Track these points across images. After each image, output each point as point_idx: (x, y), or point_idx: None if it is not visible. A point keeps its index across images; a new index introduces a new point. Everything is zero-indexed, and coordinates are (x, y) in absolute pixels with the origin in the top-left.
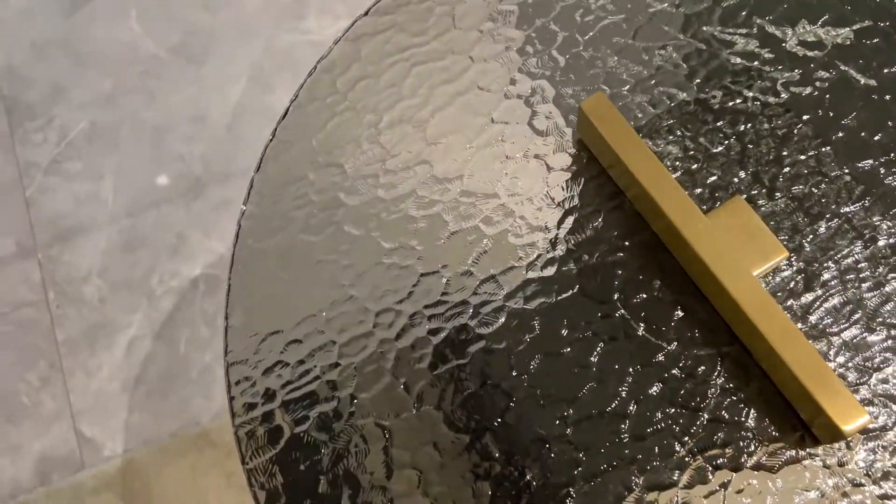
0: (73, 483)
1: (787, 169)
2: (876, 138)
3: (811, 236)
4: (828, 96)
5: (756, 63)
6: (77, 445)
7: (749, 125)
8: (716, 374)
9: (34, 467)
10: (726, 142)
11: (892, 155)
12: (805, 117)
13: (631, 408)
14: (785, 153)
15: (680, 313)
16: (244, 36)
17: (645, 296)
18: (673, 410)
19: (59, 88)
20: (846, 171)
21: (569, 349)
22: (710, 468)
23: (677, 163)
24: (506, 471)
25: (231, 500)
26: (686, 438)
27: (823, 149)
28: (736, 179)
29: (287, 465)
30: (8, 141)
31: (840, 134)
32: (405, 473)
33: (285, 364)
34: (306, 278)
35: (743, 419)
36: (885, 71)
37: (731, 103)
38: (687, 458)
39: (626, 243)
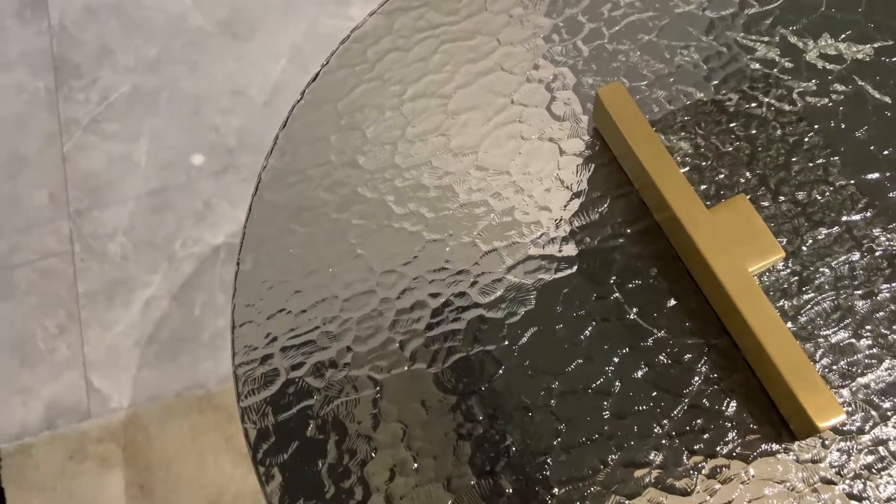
0: (78, 430)
1: (794, 175)
2: (885, 153)
3: (810, 241)
4: (841, 109)
5: (775, 70)
6: (86, 395)
7: (761, 129)
8: (701, 363)
9: (42, 411)
10: (737, 143)
11: None
12: (817, 126)
13: (615, 387)
14: (794, 159)
15: (673, 302)
16: (289, 17)
17: (640, 282)
18: (655, 393)
19: (106, 51)
20: (852, 181)
21: (561, 325)
22: (686, 452)
23: (687, 158)
24: (488, 434)
25: (228, 462)
26: (665, 421)
27: (832, 158)
28: (742, 180)
29: (279, 407)
30: (52, 97)
31: (850, 146)
32: (391, 426)
33: (289, 312)
34: (318, 234)
35: (723, 409)
36: None
37: (746, 107)
38: (664, 441)
39: (628, 231)
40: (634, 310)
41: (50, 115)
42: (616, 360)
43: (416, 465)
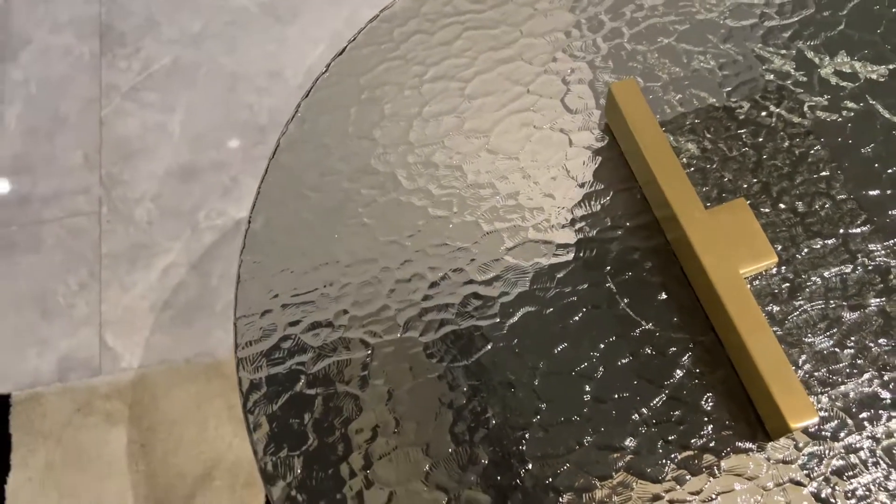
0: (88, 385)
1: (796, 185)
2: (889, 171)
3: (806, 250)
4: (850, 125)
5: (788, 83)
6: (99, 352)
7: (769, 138)
8: (685, 357)
9: (56, 363)
10: (744, 149)
11: None
12: (824, 140)
13: (598, 372)
14: (798, 170)
15: (664, 296)
16: (332, 4)
17: (634, 274)
18: (637, 382)
19: (152, 22)
20: (853, 196)
21: (552, 309)
22: (661, 440)
23: (693, 160)
24: (470, 404)
25: (228, 431)
26: (644, 410)
27: (836, 173)
28: (745, 185)
29: (273, 360)
30: (97, 62)
31: (855, 162)
32: (378, 388)
33: (292, 271)
34: (328, 200)
35: (701, 403)
36: None
37: (756, 116)
38: (640, 428)
39: (628, 224)
40: (625, 300)
41: (92, 80)
42: (602, 346)
43: (397, 428)
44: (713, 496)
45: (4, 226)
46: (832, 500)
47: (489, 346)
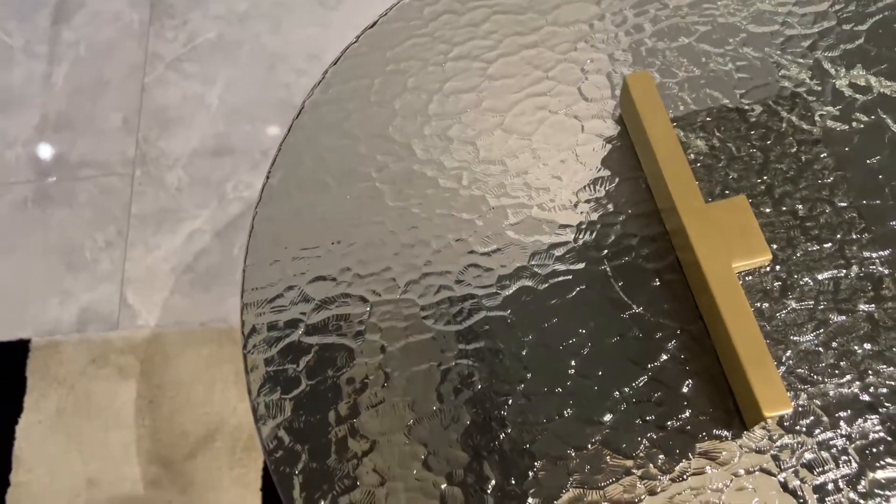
0: (105, 339)
1: (799, 189)
2: (893, 183)
3: (801, 252)
4: (858, 136)
5: (802, 90)
6: (118, 308)
7: (777, 142)
8: (671, 343)
9: (76, 314)
10: (751, 151)
11: None
12: (831, 149)
13: (585, 348)
14: (803, 175)
15: (657, 282)
16: None
17: (630, 260)
18: (621, 362)
19: None
20: (854, 205)
21: (547, 284)
22: (638, 419)
23: (700, 156)
24: (458, 367)
25: (234, 395)
26: (625, 388)
27: (840, 181)
28: (749, 185)
29: (276, 307)
30: (145, 30)
31: (859, 172)
32: (372, 343)
33: (304, 227)
34: (344, 163)
35: (682, 388)
36: None
37: (767, 120)
38: (620, 405)
39: (630, 211)
40: (619, 283)
41: (138, 47)
42: (592, 324)
43: (387, 382)
44: (683, 476)
45: (42, 178)
46: (800, 493)
47: (482, 315)
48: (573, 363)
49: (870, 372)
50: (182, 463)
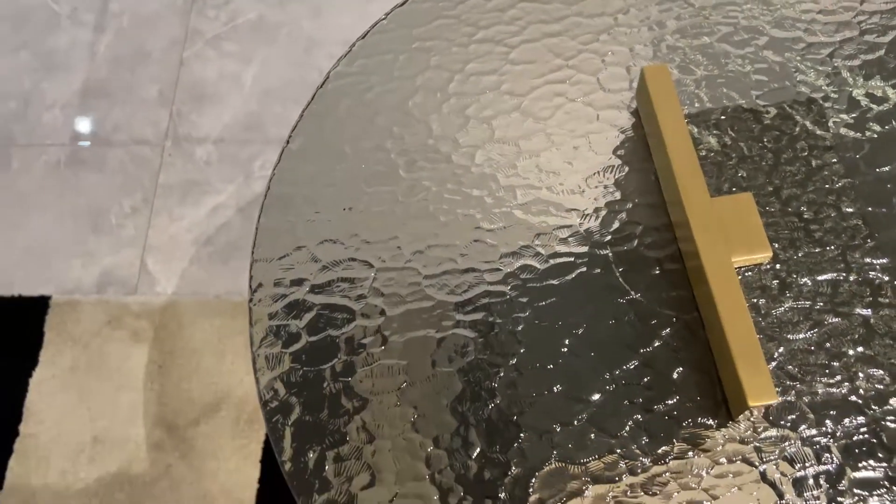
0: (122, 302)
1: (807, 192)
2: None
3: (802, 253)
4: (870, 145)
5: (818, 97)
6: (138, 273)
7: (789, 145)
8: (665, 331)
9: (97, 276)
10: (763, 151)
11: None
12: (842, 155)
13: (580, 329)
14: (811, 179)
15: (657, 271)
16: None
17: (632, 247)
18: (614, 345)
19: None
20: (860, 212)
21: (549, 264)
22: (626, 401)
23: (711, 153)
24: (455, 336)
25: (242, 367)
26: (616, 371)
27: (847, 187)
28: (757, 184)
29: (284, 265)
30: (188, 7)
31: (868, 180)
32: (373, 306)
33: (318, 191)
34: (362, 133)
35: (672, 374)
36: None
37: (781, 123)
38: (608, 386)
39: (637, 200)
40: (620, 269)
41: (180, 23)
42: (589, 306)
43: (383, 345)
44: (665, 459)
45: (76, 142)
46: (779, 485)
47: (483, 288)
48: (567, 342)
49: (860, 375)
50: (185, 429)
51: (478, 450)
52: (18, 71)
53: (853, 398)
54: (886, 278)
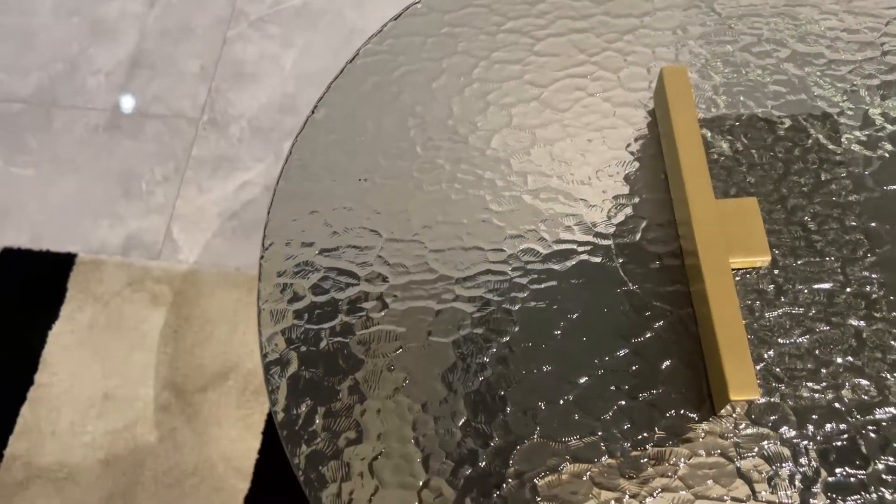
0: (144, 266)
1: (813, 203)
2: None
3: (802, 262)
4: (881, 163)
5: (834, 111)
6: (163, 240)
7: (800, 157)
8: (658, 323)
9: (123, 239)
10: (773, 161)
11: None
12: (852, 170)
13: (573, 313)
14: (819, 192)
15: (656, 265)
16: None
17: (635, 240)
18: (607, 332)
19: None
20: (862, 227)
21: (552, 249)
22: (612, 386)
23: (722, 157)
24: (453, 309)
25: (254, 339)
26: (605, 357)
27: (853, 203)
28: (764, 191)
29: (297, 228)
30: None
31: (874, 197)
32: (377, 273)
33: (337, 159)
34: (384, 108)
35: (660, 365)
36: None
37: (794, 134)
38: (598, 370)
39: (644, 196)
40: (620, 260)
41: (227, 2)
42: (586, 293)
43: (383, 310)
44: (644, 445)
45: (116, 108)
46: (754, 481)
47: (484, 266)
48: (561, 324)
49: (846, 384)
50: (193, 394)
51: (463, 419)
52: (69, 35)
53: (837, 405)
54: (883, 293)
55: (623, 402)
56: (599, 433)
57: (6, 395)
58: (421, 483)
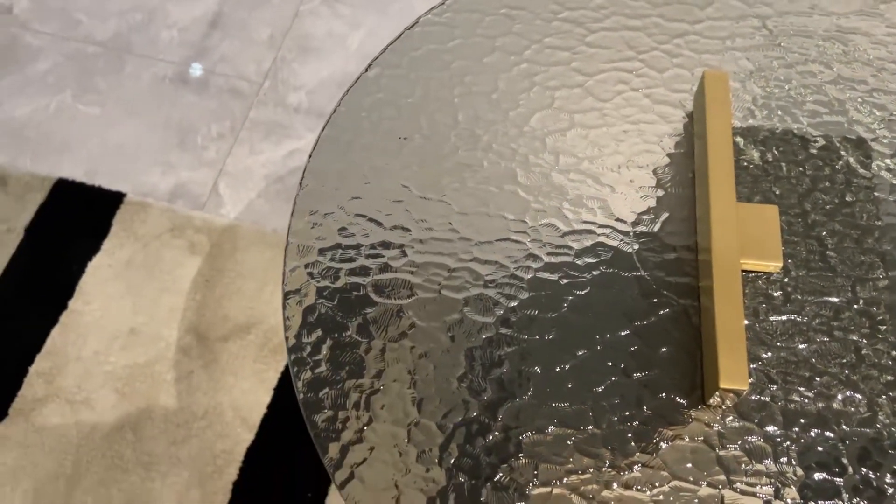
0: (187, 215)
1: (834, 221)
2: None
3: (814, 275)
4: None
5: (869, 137)
6: (209, 192)
7: (828, 176)
8: (664, 311)
9: (171, 187)
10: (801, 175)
11: None
12: (877, 195)
13: (581, 290)
14: (842, 211)
15: (671, 256)
16: None
17: (653, 230)
18: (612, 312)
19: None
20: (879, 251)
21: (571, 228)
22: (608, 362)
23: (751, 166)
24: (468, 268)
25: (279, 299)
26: (607, 334)
27: (874, 227)
28: (787, 203)
29: (330, 185)
30: None
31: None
32: (403, 223)
33: (376, 123)
34: (432, 76)
35: (659, 349)
36: None
37: (826, 154)
38: (596, 346)
39: (670, 190)
40: (636, 247)
41: None
42: (595, 273)
43: (404, 258)
44: (631, 422)
45: (184, 63)
46: (733, 473)
47: (504, 234)
48: (569, 297)
49: (839, 396)
50: (214, 342)
51: (461, 371)
52: None
53: (826, 414)
54: (888, 317)
55: (616, 378)
56: (589, 403)
57: (39, 316)
58: (411, 422)
